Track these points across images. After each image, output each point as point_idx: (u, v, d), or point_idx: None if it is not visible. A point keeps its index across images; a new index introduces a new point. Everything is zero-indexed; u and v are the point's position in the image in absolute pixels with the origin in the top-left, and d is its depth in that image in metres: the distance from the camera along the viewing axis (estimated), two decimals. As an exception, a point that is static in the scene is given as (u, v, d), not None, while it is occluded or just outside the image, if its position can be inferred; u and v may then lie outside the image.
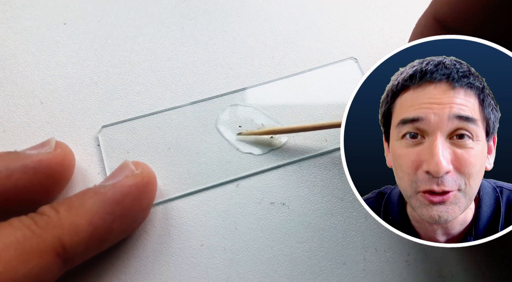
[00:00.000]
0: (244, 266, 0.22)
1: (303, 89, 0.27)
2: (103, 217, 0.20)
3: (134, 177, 0.21)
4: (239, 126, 0.25)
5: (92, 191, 0.20)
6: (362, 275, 0.22)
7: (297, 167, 0.25)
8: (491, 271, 0.22)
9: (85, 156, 0.25)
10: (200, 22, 0.29)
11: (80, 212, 0.19)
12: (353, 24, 0.29)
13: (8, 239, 0.18)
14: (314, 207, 0.24)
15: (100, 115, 0.26)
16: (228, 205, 0.24)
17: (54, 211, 0.19)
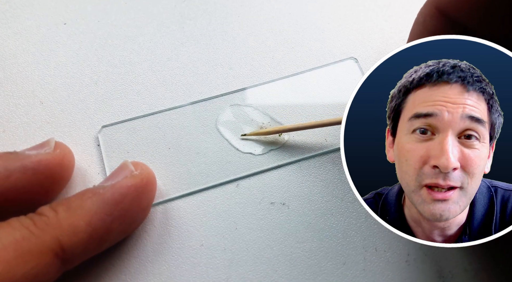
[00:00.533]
0: (244, 266, 0.22)
1: (303, 89, 0.27)
2: (102, 218, 0.20)
3: (133, 177, 0.21)
4: (238, 133, 0.25)
5: (91, 191, 0.20)
6: (362, 275, 0.22)
7: (297, 167, 0.25)
8: (491, 271, 0.22)
9: (85, 156, 0.25)
10: (200, 22, 0.29)
11: (79, 213, 0.19)
12: (353, 24, 0.29)
13: (7, 239, 0.18)
14: (314, 207, 0.24)
15: (100, 115, 0.26)
16: (228, 205, 0.24)
17: (53, 212, 0.19)
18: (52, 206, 0.20)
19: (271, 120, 0.26)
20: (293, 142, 0.25)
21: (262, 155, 0.25)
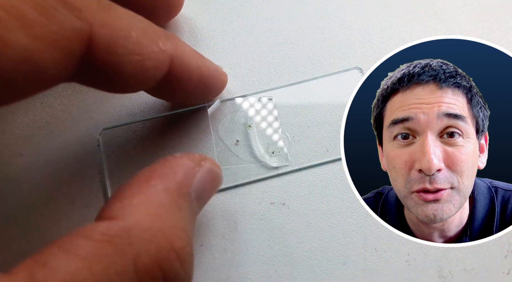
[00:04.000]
0: (244, 266, 0.22)
1: (304, 88, 0.27)
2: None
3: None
4: (236, 140, 0.25)
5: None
6: (362, 275, 0.22)
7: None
8: (491, 271, 0.22)
9: (85, 156, 0.25)
10: (200, 22, 0.29)
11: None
12: (352, 24, 0.29)
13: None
14: (314, 207, 0.24)
15: (100, 115, 0.26)
16: (228, 205, 0.24)
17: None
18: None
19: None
20: (295, 152, 0.25)
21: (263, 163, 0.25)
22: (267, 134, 0.25)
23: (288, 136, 0.25)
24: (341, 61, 0.27)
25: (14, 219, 0.23)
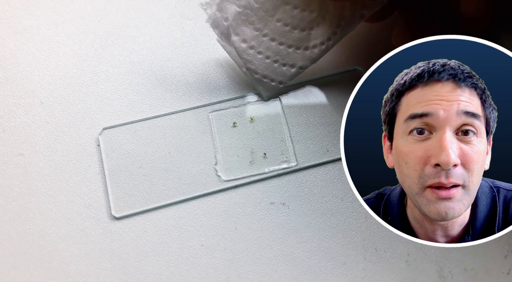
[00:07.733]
0: (244, 266, 0.22)
1: (304, 89, 0.27)
2: None
3: None
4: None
5: None
6: (362, 275, 0.22)
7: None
8: (491, 271, 0.22)
9: (85, 156, 0.25)
10: (200, 22, 0.29)
11: None
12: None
13: None
14: (314, 207, 0.24)
15: (100, 115, 0.26)
16: (228, 205, 0.24)
17: None
18: None
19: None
20: (297, 150, 0.25)
21: (265, 158, 0.25)
22: (266, 135, 0.25)
23: (289, 136, 0.25)
24: (341, 61, 0.27)
25: (14, 219, 0.23)
